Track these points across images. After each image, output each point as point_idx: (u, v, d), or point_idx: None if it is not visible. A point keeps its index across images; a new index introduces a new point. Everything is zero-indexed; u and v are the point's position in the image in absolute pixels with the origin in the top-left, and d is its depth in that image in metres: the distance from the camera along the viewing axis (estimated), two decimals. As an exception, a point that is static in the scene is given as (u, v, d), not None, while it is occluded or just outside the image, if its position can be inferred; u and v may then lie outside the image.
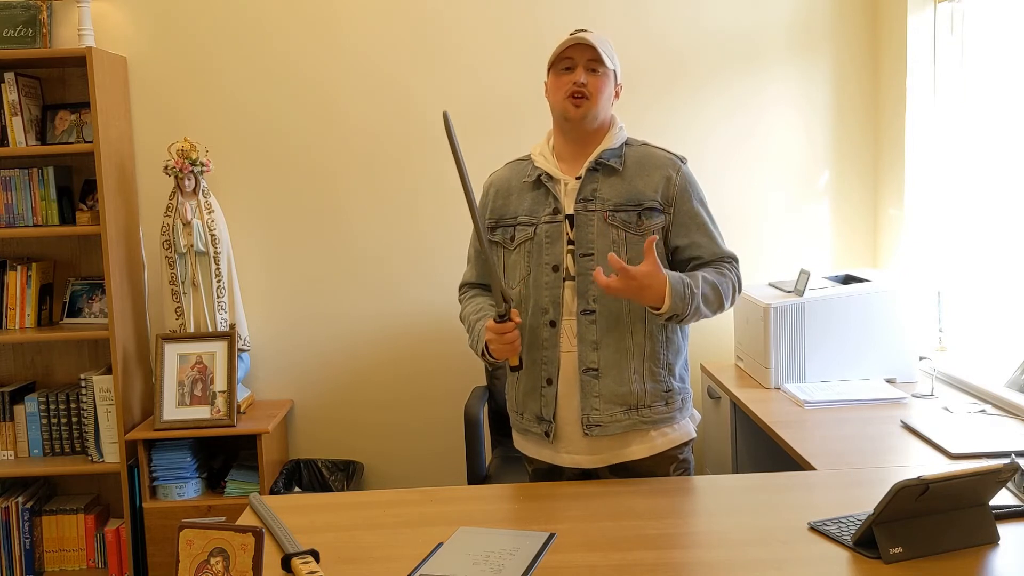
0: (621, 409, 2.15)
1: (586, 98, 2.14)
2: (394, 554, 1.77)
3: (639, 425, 2.16)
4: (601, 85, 2.16)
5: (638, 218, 2.14)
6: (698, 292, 2.08)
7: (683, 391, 2.24)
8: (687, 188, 2.19)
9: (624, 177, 2.17)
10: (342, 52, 3.56)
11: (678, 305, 2.05)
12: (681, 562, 1.69)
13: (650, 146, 2.25)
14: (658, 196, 2.15)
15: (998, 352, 2.95)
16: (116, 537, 3.44)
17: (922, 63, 3.30)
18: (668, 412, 2.19)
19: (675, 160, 2.21)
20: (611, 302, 2.13)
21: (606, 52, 2.16)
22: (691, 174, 2.23)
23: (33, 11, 3.38)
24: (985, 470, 1.67)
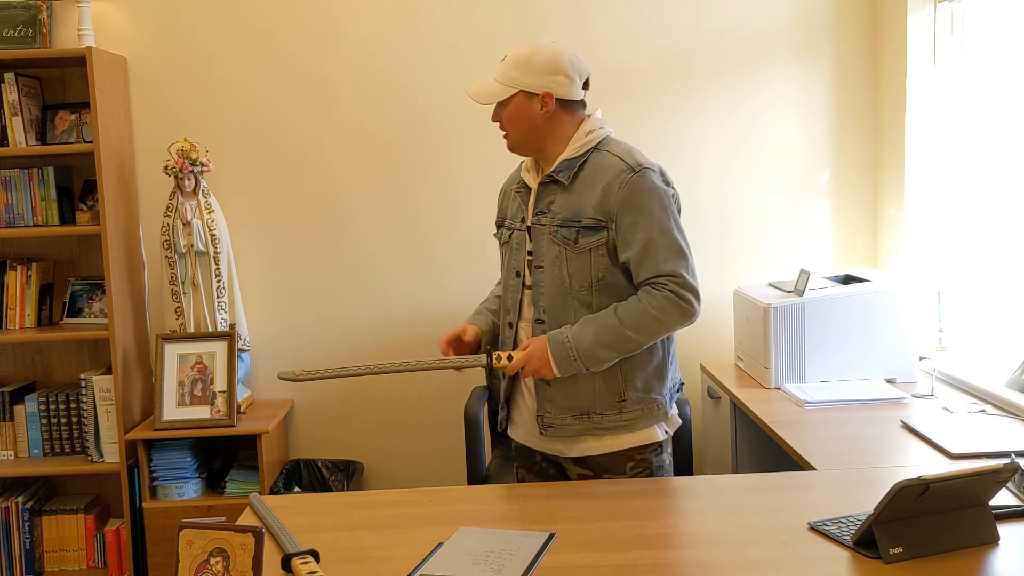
0: (572, 415, 2.20)
1: (506, 135, 2.23)
2: (394, 554, 1.77)
3: (591, 431, 2.20)
4: (510, 117, 2.20)
5: (576, 235, 2.14)
6: (586, 346, 2.09)
7: (644, 401, 2.21)
8: (629, 200, 2.10)
9: (573, 191, 2.16)
10: (342, 51, 3.56)
11: (570, 366, 2.11)
12: (681, 562, 1.69)
13: (612, 154, 2.17)
14: (597, 212, 2.12)
15: (998, 352, 2.95)
16: (116, 537, 3.44)
17: (922, 63, 3.30)
18: (621, 420, 2.20)
19: (624, 171, 2.12)
20: (559, 313, 2.17)
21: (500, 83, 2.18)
22: (642, 184, 2.12)
23: (33, 11, 3.38)
24: (985, 470, 1.67)
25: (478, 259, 3.63)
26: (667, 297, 2.09)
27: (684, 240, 2.15)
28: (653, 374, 2.23)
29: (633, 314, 2.10)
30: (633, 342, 2.11)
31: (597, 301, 2.15)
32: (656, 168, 2.17)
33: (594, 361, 2.11)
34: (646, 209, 2.10)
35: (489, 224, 3.65)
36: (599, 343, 2.10)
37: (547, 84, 2.16)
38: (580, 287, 2.15)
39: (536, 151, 2.24)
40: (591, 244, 2.13)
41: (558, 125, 2.19)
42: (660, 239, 2.10)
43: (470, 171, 3.61)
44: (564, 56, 2.18)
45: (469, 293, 3.65)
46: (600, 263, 2.14)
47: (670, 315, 2.10)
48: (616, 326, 2.09)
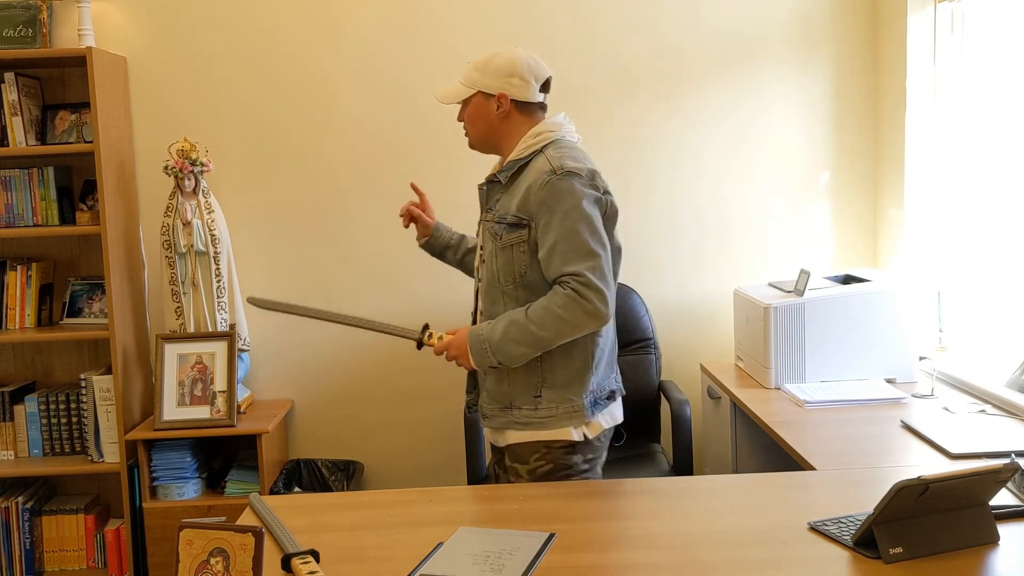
0: (499, 406, 2.31)
1: (466, 133, 2.36)
2: (394, 554, 1.77)
3: (512, 423, 2.29)
4: (469, 117, 2.33)
5: (505, 231, 2.25)
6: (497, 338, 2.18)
7: (560, 400, 2.25)
8: (546, 201, 2.17)
9: (509, 190, 2.28)
10: (342, 51, 3.56)
11: (485, 358, 2.21)
12: (681, 562, 1.69)
13: (547, 157, 2.23)
14: (520, 210, 2.22)
15: (998, 352, 2.95)
16: (116, 537, 3.44)
17: (922, 63, 3.30)
18: (536, 416, 2.26)
19: (547, 173, 2.19)
20: (491, 305, 2.31)
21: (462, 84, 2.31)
22: (560, 186, 2.17)
23: (33, 11, 3.38)
24: (985, 470, 1.67)
25: (478, 259, 3.63)
26: (569, 295, 2.14)
27: (597, 243, 2.18)
28: (573, 376, 2.26)
29: (539, 311, 2.17)
30: (540, 338, 2.16)
31: (523, 296, 2.24)
32: (584, 173, 2.20)
33: (504, 355, 2.19)
34: (559, 211, 2.16)
35: (489, 224, 3.65)
36: (507, 338, 2.18)
37: (503, 86, 2.26)
38: (506, 281, 2.26)
39: (493, 149, 2.36)
40: (513, 240, 2.23)
41: (513, 126, 2.29)
42: (567, 240, 2.15)
43: (470, 171, 3.60)
44: (521, 60, 2.28)
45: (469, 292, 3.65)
46: (522, 259, 2.23)
47: (573, 313, 2.14)
48: (523, 322, 2.17)
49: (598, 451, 2.35)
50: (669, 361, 3.66)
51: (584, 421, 2.28)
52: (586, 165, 2.23)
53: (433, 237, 2.62)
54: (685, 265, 3.65)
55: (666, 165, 3.62)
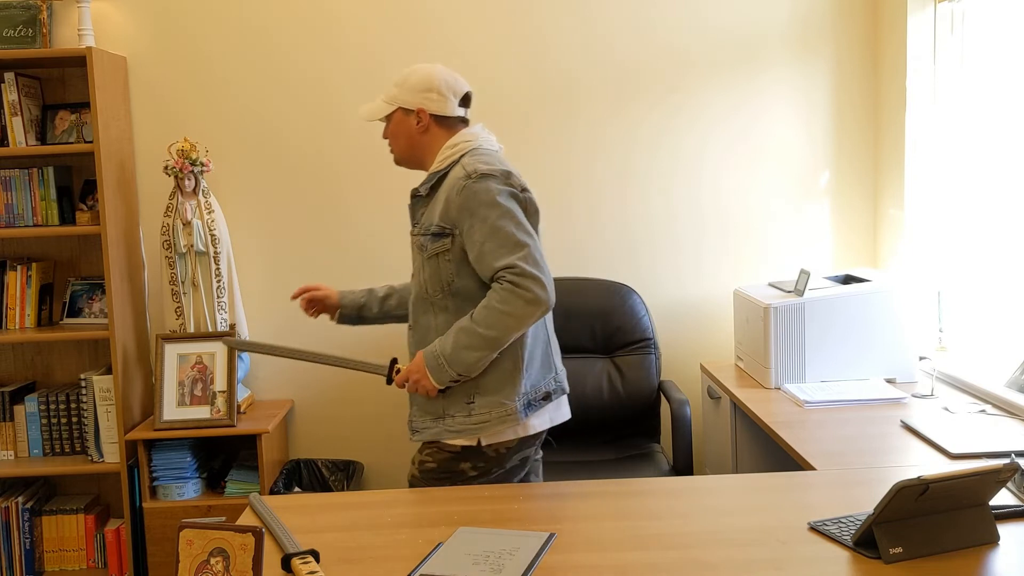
0: (431, 417, 2.32)
1: (391, 149, 2.40)
2: (394, 554, 1.78)
3: (445, 433, 2.29)
4: (391, 133, 2.37)
5: (429, 242, 2.27)
6: (450, 351, 2.20)
7: (494, 404, 2.27)
8: (465, 205, 2.20)
9: (431, 202, 2.31)
10: (342, 51, 3.56)
11: (443, 373, 2.22)
12: (681, 562, 1.69)
13: (461, 165, 2.26)
14: (443, 220, 2.25)
15: (998, 352, 2.95)
16: (116, 537, 3.44)
17: (922, 63, 3.30)
18: (471, 422, 2.27)
19: (462, 178, 2.22)
20: (421, 317, 2.33)
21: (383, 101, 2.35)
22: (477, 188, 2.20)
23: (33, 11, 3.38)
24: (985, 470, 1.67)
25: (478, 259, 3.63)
26: (507, 288, 2.15)
27: (524, 233, 2.20)
28: (504, 379, 2.27)
29: (482, 312, 2.18)
30: (490, 338, 2.17)
31: (452, 305, 2.27)
32: (498, 173, 2.23)
33: (461, 364, 2.20)
34: (479, 212, 2.19)
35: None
36: (459, 345, 2.19)
37: (421, 101, 2.32)
38: (435, 292, 2.28)
39: (417, 164, 2.39)
40: (438, 249, 2.26)
41: (433, 140, 2.34)
42: (493, 238, 2.18)
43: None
44: (438, 75, 2.33)
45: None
46: (448, 268, 2.26)
47: (514, 305, 2.15)
48: (470, 326, 2.19)
49: (493, 461, 2.32)
50: (669, 361, 3.66)
51: (517, 423, 2.28)
52: (500, 167, 2.26)
53: (344, 307, 2.57)
54: (685, 265, 3.65)
55: (666, 165, 3.62)
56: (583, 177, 3.61)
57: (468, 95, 2.39)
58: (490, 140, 2.38)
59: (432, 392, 2.26)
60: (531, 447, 2.38)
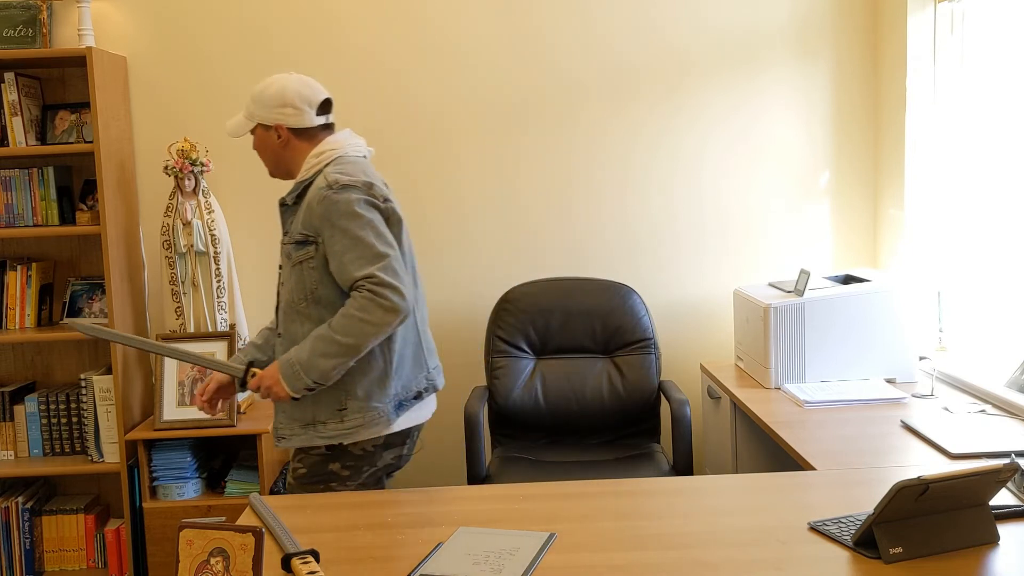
0: (299, 424, 2.34)
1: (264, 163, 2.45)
2: (394, 554, 1.78)
3: (315, 439, 2.33)
4: (257, 148, 2.42)
5: (294, 250, 2.31)
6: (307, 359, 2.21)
7: (365, 409, 2.32)
8: (325, 216, 2.24)
9: (297, 211, 2.34)
10: (342, 51, 3.56)
11: (298, 381, 2.23)
12: (681, 562, 1.69)
13: (326, 174, 2.29)
14: (306, 228, 2.28)
15: (998, 352, 2.95)
16: (116, 537, 3.44)
17: (922, 63, 3.30)
18: (343, 428, 2.32)
19: (324, 188, 2.26)
20: (289, 325, 2.35)
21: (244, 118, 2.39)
22: (337, 199, 2.24)
23: (33, 11, 3.38)
24: (985, 470, 1.67)
25: (479, 258, 3.64)
26: (366, 297, 2.19)
27: (384, 244, 2.24)
28: (374, 382, 2.32)
29: (340, 320, 2.21)
30: (348, 346, 2.20)
31: (316, 313, 2.30)
32: (359, 184, 2.27)
33: (317, 372, 2.22)
34: (339, 223, 2.23)
35: (489, 223, 3.66)
36: (315, 353, 2.22)
37: (277, 117, 2.35)
38: (299, 300, 2.31)
39: (286, 175, 2.42)
40: (302, 257, 2.29)
41: (297, 152, 2.37)
42: (354, 248, 2.22)
43: (469, 171, 3.62)
44: (291, 88, 2.36)
45: (469, 292, 3.66)
46: (312, 276, 2.29)
47: (373, 313, 2.19)
48: (327, 334, 2.21)
49: (363, 459, 2.37)
50: (669, 361, 3.66)
51: (389, 426, 2.35)
52: (362, 178, 2.29)
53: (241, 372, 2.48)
54: (685, 265, 3.65)
55: (666, 165, 3.62)
56: (583, 177, 3.62)
57: (327, 101, 2.41)
58: (357, 147, 2.41)
59: (285, 399, 2.28)
60: (402, 445, 2.44)
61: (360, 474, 2.38)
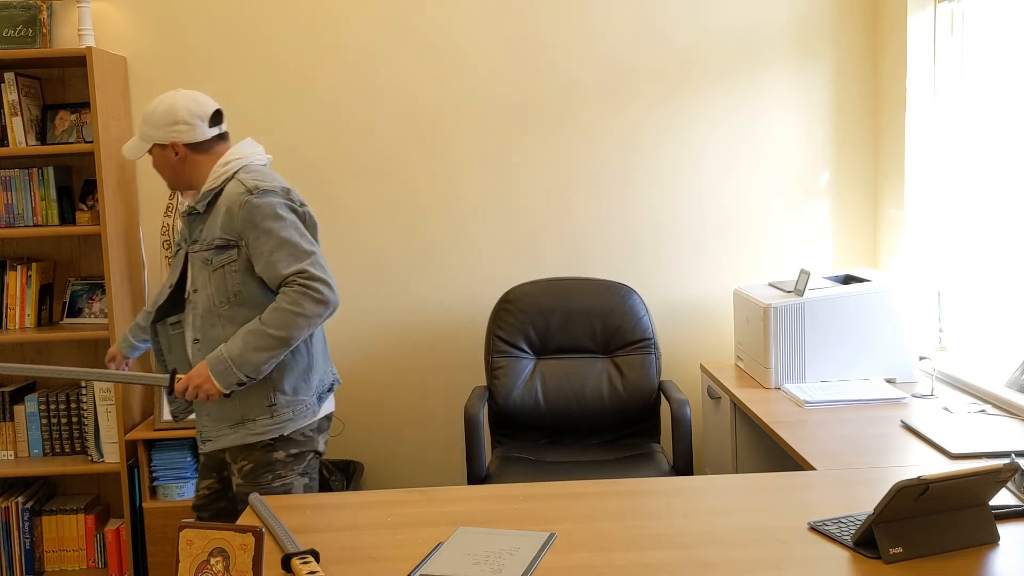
0: (228, 425, 2.41)
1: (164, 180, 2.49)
2: (394, 554, 1.78)
3: (247, 437, 2.40)
4: (156, 166, 2.46)
5: (215, 255, 2.37)
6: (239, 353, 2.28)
7: (294, 403, 2.42)
8: (249, 219, 2.32)
9: (209, 218, 2.40)
10: (341, 52, 3.56)
11: (230, 376, 2.30)
12: (681, 562, 1.69)
13: (240, 180, 2.37)
14: (226, 233, 2.35)
15: (998, 352, 2.95)
16: (116, 537, 3.44)
17: (922, 63, 3.30)
18: (274, 423, 2.40)
19: (244, 194, 2.34)
20: (209, 330, 2.39)
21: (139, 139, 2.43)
22: (259, 203, 2.33)
23: (33, 11, 3.38)
24: (985, 470, 1.67)
25: (478, 258, 3.64)
26: (297, 291, 2.29)
27: (308, 243, 2.36)
28: (300, 377, 2.43)
29: (272, 314, 2.29)
30: (280, 340, 2.29)
31: (239, 315, 2.37)
32: (278, 190, 2.38)
33: (249, 366, 2.29)
34: (264, 225, 2.32)
35: (490, 223, 3.66)
36: (248, 347, 2.28)
37: (170, 135, 2.40)
38: (221, 303, 2.38)
39: (189, 187, 2.48)
40: (224, 261, 2.36)
41: (196, 166, 2.43)
42: (281, 248, 2.32)
43: (466, 173, 3.62)
44: (180, 106, 2.40)
45: (469, 292, 3.66)
46: (234, 279, 2.36)
47: (304, 306, 2.28)
48: (259, 329, 2.29)
49: (303, 444, 2.46)
50: (669, 361, 3.66)
51: (315, 416, 2.47)
52: (279, 183, 2.40)
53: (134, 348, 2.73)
54: (685, 265, 3.65)
55: (667, 165, 3.62)
56: (583, 177, 3.62)
57: (217, 113, 2.46)
58: (259, 155, 2.49)
59: (215, 396, 2.33)
60: (328, 431, 2.56)
61: (304, 459, 2.47)
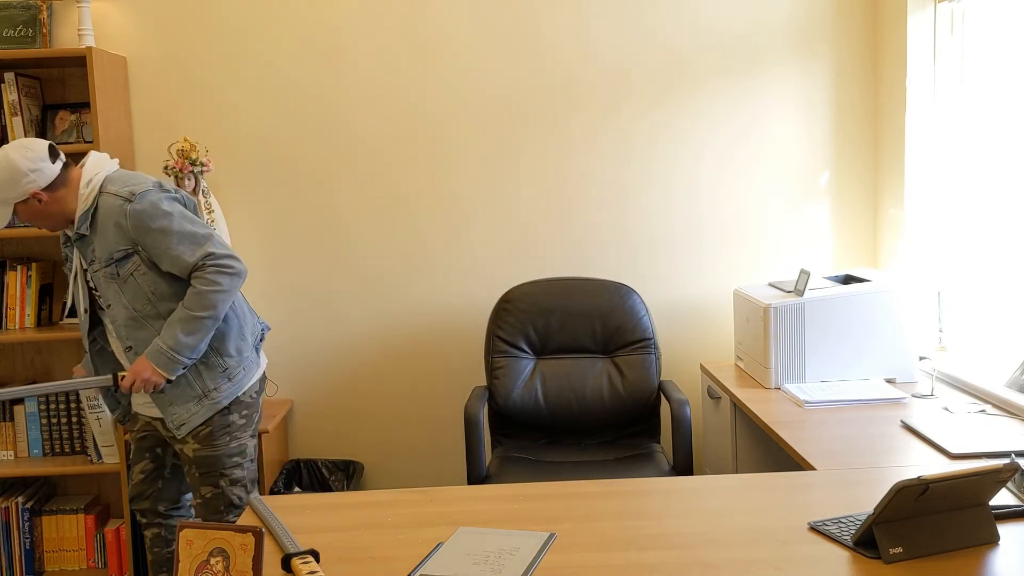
0: (194, 403, 2.57)
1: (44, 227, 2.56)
2: (394, 554, 1.78)
3: (213, 406, 2.58)
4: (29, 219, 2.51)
5: (119, 267, 2.49)
6: (176, 340, 2.45)
7: (243, 361, 2.64)
8: (139, 226, 2.45)
9: (97, 236, 2.50)
10: (340, 53, 3.56)
11: (173, 363, 2.47)
12: (681, 562, 1.69)
13: (108, 194, 2.48)
14: (122, 244, 2.47)
15: (998, 352, 2.95)
16: (116, 537, 3.44)
17: (922, 63, 3.30)
18: (233, 385, 2.61)
19: (123, 204, 2.46)
20: (138, 332, 2.53)
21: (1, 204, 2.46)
22: (141, 207, 2.45)
23: (33, 11, 3.38)
24: (985, 470, 1.67)
25: (474, 260, 3.64)
26: (210, 272, 2.47)
27: (200, 227, 2.51)
28: (237, 336, 2.63)
29: (193, 299, 2.47)
30: (208, 318, 2.48)
31: (164, 308, 2.52)
32: (151, 185, 2.51)
33: (187, 348, 2.48)
34: (155, 225, 2.46)
35: (490, 224, 3.66)
36: (182, 334, 2.46)
37: (26, 189, 2.45)
38: (144, 305, 2.52)
39: (67, 222, 2.54)
40: (130, 271, 2.49)
41: (62, 201, 2.50)
42: (179, 240, 2.47)
43: (466, 173, 3.62)
44: (16, 160, 2.43)
45: (465, 294, 3.66)
46: (146, 280, 2.51)
47: (221, 283, 2.47)
48: (187, 315, 2.46)
49: (251, 406, 2.68)
50: (669, 361, 3.66)
51: (260, 367, 2.69)
52: (147, 180, 2.53)
53: None
54: (685, 265, 3.65)
55: (666, 165, 3.62)
56: (583, 177, 3.62)
57: (51, 147, 2.51)
58: (109, 162, 2.58)
59: (160, 384, 2.49)
60: (264, 391, 2.76)
61: (252, 422, 2.68)
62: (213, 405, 2.58)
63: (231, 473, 2.63)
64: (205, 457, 2.60)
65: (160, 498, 2.78)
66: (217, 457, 2.61)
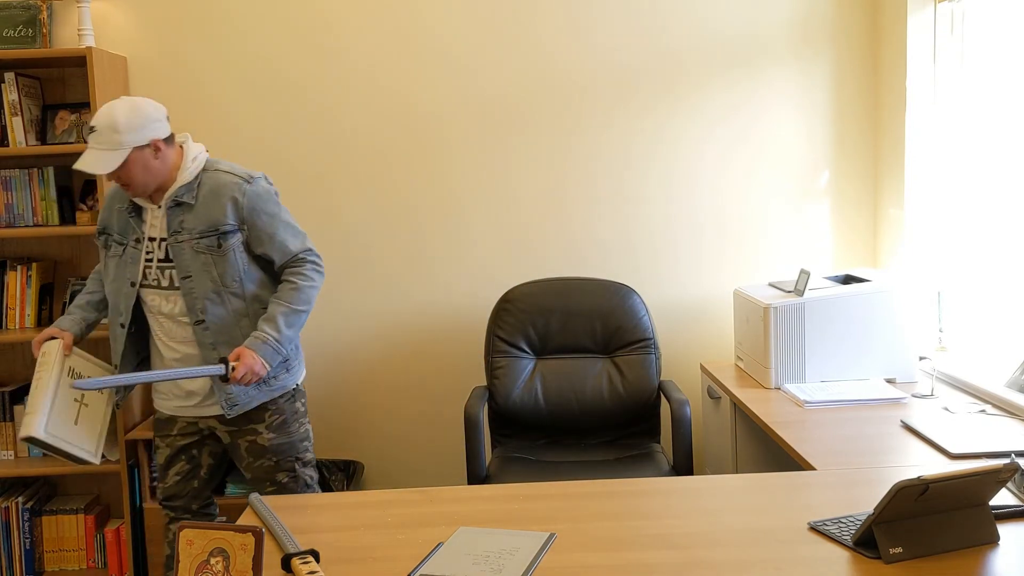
0: (254, 387, 2.62)
1: (128, 186, 2.51)
2: (394, 554, 1.78)
3: (272, 393, 2.66)
4: (128, 175, 2.48)
5: (219, 241, 2.54)
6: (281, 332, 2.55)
7: (297, 355, 2.75)
8: (254, 207, 2.56)
9: (199, 208, 2.55)
10: (339, 53, 3.56)
11: (277, 354, 2.56)
12: (681, 562, 1.69)
13: (221, 172, 2.58)
14: (230, 219, 2.55)
15: (998, 352, 2.95)
16: (116, 537, 3.44)
17: (922, 63, 3.30)
18: (290, 376, 2.70)
19: (240, 183, 2.56)
20: (217, 308, 2.57)
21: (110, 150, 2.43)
22: (258, 190, 2.57)
23: (33, 11, 3.38)
24: (985, 470, 1.67)
25: (478, 259, 3.64)
26: (310, 268, 2.62)
27: (295, 222, 2.66)
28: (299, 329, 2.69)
29: (296, 294, 2.59)
30: (305, 312, 2.62)
31: (247, 290, 2.60)
32: (261, 175, 2.62)
33: (289, 341, 2.59)
34: (268, 209, 2.58)
35: (489, 224, 3.66)
36: (286, 327, 2.57)
37: (151, 134, 2.50)
38: (232, 281, 2.58)
39: (154, 188, 2.55)
40: (232, 245, 2.56)
41: (165, 160, 2.54)
42: (287, 228, 2.62)
43: (466, 173, 3.62)
44: (144, 106, 2.50)
45: (466, 292, 3.66)
46: (242, 258, 2.58)
47: (316, 280, 2.63)
48: (288, 309, 2.57)
49: (305, 395, 2.79)
50: (669, 361, 3.66)
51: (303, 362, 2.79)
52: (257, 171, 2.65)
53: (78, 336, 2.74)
54: (685, 265, 3.65)
55: (666, 165, 3.62)
56: (583, 177, 3.62)
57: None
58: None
59: (263, 376, 2.55)
60: None
61: (306, 409, 2.79)
62: (269, 392, 2.66)
63: (304, 456, 2.76)
64: (281, 444, 2.69)
65: (195, 497, 2.82)
66: (292, 443, 2.72)
